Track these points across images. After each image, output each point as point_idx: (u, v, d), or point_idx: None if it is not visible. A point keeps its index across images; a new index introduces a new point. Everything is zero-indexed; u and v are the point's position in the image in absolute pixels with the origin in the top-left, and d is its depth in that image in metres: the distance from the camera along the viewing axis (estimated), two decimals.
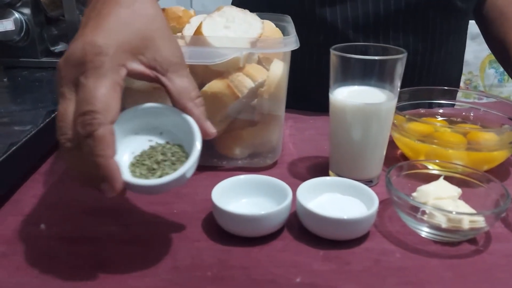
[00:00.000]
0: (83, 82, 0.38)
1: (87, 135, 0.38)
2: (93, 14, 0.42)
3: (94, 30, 0.40)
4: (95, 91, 0.38)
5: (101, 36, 0.40)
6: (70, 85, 0.39)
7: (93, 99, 0.38)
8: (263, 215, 0.47)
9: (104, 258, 0.45)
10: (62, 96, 0.40)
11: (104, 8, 0.42)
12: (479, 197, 0.52)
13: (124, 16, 0.42)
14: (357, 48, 0.57)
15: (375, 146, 0.58)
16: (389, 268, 0.44)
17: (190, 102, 0.44)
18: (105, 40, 0.40)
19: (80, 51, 0.39)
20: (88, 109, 0.38)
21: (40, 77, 0.87)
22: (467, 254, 0.47)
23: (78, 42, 0.40)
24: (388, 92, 0.56)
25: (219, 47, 0.56)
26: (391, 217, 0.52)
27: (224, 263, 0.45)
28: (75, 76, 0.39)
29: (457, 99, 0.72)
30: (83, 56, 0.39)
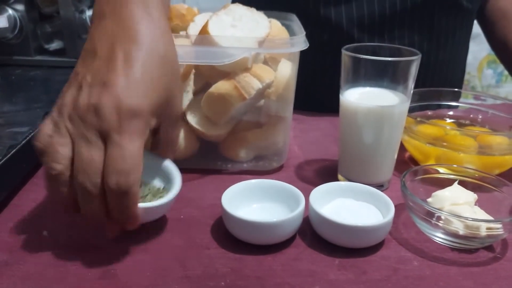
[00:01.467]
0: (117, 140, 0.39)
1: (122, 192, 0.39)
2: (118, 54, 0.41)
3: (128, 87, 0.40)
4: (130, 152, 0.39)
5: (137, 98, 0.40)
6: (96, 133, 0.39)
7: (129, 159, 0.39)
8: (276, 222, 0.45)
9: (111, 267, 0.43)
10: (87, 140, 0.39)
11: (130, 51, 0.41)
12: (494, 202, 0.51)
13: (153, 68, 0.42)
14: (368, 48, 0.56)
15: (387, 149, 0.56)
16: (408, 277, 0.43)
17: (172, 152, 0.48)
18: (140, 102, 0.40)
19: (114, 111, 0.39)
20: (123, 168, 0.39)
21: (34, 75, 0.85)
22: (485, 261, 0.46)
23: (111, 98, 0.39)
24: (401, 94, 0.55)
25: (227, 47, 0.54)
26: (406, 223, 0.51)
27: (238, 272, 0.43)
28: (105, 129, 0.39)
29: (465, 101, 0.71)
30: (118, 119, 0.39)
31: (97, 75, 0.40)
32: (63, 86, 0.79)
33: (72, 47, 0.88)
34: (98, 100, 0.39)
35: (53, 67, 0.88)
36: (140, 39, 0.42)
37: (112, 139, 0.39)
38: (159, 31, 0.43)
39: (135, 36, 0.42)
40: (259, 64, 0.59)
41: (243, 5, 0.62)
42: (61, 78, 0.84)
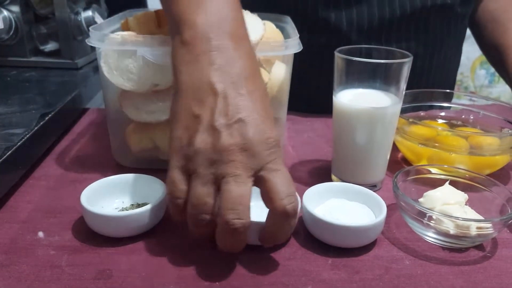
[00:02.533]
0: (278, 168, 0.41)
1: (295, 213, 0.41)
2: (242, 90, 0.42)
3: (264, 121, 0.42)
4: (288, 174, 0.42)
5: (273, 129, 0.42)
6: (249, 172, 0.40)
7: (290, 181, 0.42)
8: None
9: (106, 267, 0.44)
10: (239, 178, 0.40)
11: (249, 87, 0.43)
12: (484, 202, 0.52)
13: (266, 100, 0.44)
14: (362, 50, 0.57)
15: (379, 150, 0.57)
16: (400, 275, 0.44)
17: None
18: (276, 133, 0.42)
19: (264, 143, 0.41)
20: (293, 191, 0.41)
21: (29, 77, 0.85)
22: (476, 260, 0.46)
23: (256, 133, 0.41)
24: (393, 96, 0.56)
25: None
26: (398, 223, 0.52)
27: (232, 272, 0.44)
28: (260, 164, 0.41)
29: (457, 102, 0.72)
30: (269, 149, 0.41)
31: (229, 114, 0.41)
32: (58, 87, 0.80)
33: (67, 49, 0.88)
34: (244, 138, 0.40)
35: (48, 68, 0.89)
36: (253, 73, 0.44)
37: (269, 169, 0.41)
38: (256, 62, 0.45)
39: (250, 72, 0.43)
40: None
41: None
42: (56, 79, 0.85)
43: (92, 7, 0.89)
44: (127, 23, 0.61)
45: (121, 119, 0.60)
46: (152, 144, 0.60)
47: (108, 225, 0.46)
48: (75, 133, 0.74)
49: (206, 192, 0.40)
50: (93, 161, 0.64)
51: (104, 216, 0.46)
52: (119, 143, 0.62)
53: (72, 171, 0.62)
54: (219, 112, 0.41)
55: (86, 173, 0.61)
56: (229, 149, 0.40)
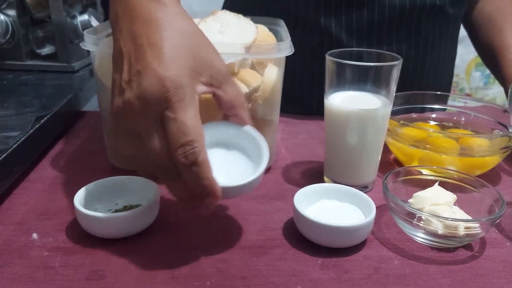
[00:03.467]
0: (172, 116, 0.40)
1: (192, 163, 0.40)
2: (141, 41, 0.42)
3: (161, 63, 0.41)
4: (187, 122, 0.40)
5: (173, 69, 0.41)
6: (154, 122, 0.41)
7: (188, 129, 0.40)
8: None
9: (99, 268, 0.44)
10: (149, 134, 0.41)
11: (150, 34, 0.42)
12: (473, 203, 0.52)
13: (177, 40, 0.43)
14: (353, 53, 0.57)
15: (370, 151, 0.58)
16: (388, 275, 0.45)
17: (241, 109, 0.46)
18: (178, 72, 0.41)
19: (159, 87, 0.40)
20: (187, 140, 0.40)
21: (26, 80, 0.86)
22: (463, 260, 0.47)
23: (150, 79, 0.40)
24: (384, 98, 0.56)
25: None
26: (388, 223, 0.53)
27: (223, 273, 0.44)
28: (159, 111, 0.40)
29: (449, 104, 0.73)
30: (164, 92, 0.40)
31: (131, 70, 0.42)
32: (54, 90, 0.81)
33: (64, 52, 0.89)
34: (139, 89, 0.40)
35: (45, 72, 0.89)
36: (156, 22, 0.43)
37: (166, 117, 0.40)
38: (171, 10, 0.44)
39: (151, 21, 0.43)
40: (246, 69, 0.60)
41: (230, 12, 0.63)
42: (52, 82, 0.85)
43: (88, 11, 0.90)
44: None
45: None
46: None
47: (101, 226, 0.47)
48: (71, 136, 0.74)
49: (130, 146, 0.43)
50: (88, 163, 0.65)
51: (97, 218, 0.47)
52: (114, 145, 0.63)
53: (67, 173, 0.62)
54: (125, 72, 0.42)
55: (81, 175, 0.61)
56: (132, 103, 0.41)
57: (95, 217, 0.47)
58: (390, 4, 0.78)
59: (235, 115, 0.46)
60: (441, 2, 0.80)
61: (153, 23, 0.43)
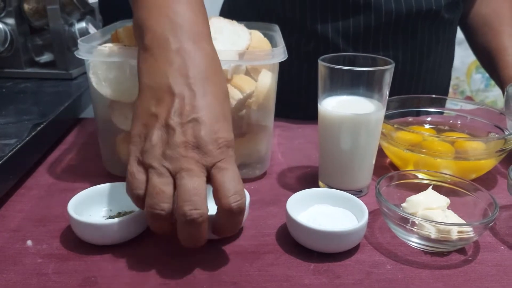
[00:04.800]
0: (227, 167, 0.43)
1: (241, 211, 0.43)
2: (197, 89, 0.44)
3: (217, 122, 0.44)
4: (236, 173, 0.43)
5: (225, 132, 0.44)
6: (201, 166, 0.42)
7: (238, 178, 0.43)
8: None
9: (92, 275, 0.45)
10: (192, 172, 0.42)
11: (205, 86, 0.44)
12: (467, 207, 0.52)
13: (226, 102, 0.46)
14: (345, 58, 0.57)
15: (364, 156, 0.58)
16: (380, 280, 0.44)
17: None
18: (228, 135, 0.44)
19: (214, 143, 0.43)
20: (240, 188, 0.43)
21: (25, 88, 0.86)
22: (456, 264, 0.47)
23: (207, 133, 0.43)
24: (377, 102, 0.56)
25: None
26: (382, 228, 0.52)
27: (215, 278, 0.44)
28: (211, 162, 0.42)
29: (445, 107, 0.73)
30: (219, 148, 0.43)
31: (184, 114, 0.43)
32: (52, 97, 0.81)
33: (62, 60, 0.89)
34: (196, 137, 0.42)
35: (43, 79, 0.90)
36: (212, 76, 0.45)
37: (220, 167, 0.42)
38: (218, 63, 0.47)
39: (208, 73, 0.45)
40: (240, 75, 0.60)
41: (224, 18, 0.64)
42: (51, 90, 0.86)
43: (86, 19, 0.90)
44: (117, 35, 0.63)
45: (110, 128, 0.61)
46: None
47: (93, 233, 0.47)
48: (68, 143, 0.75)
49: (162, 181, 0.42)
50: (84, 170, 0.65)
51: (89, 224, 0.47)
52: (109, 152, 0.63)
53: (63, 180, 0.63)
54: (174, 111, 0.43)
55: (77, 182, 0.62)
56: (182, 146, 0.42)
57: (87, 224, 0.47)
58: (386, 10, 0.79)
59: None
60: (437, 7, 0.80)
61: (210, 77, 0.45)
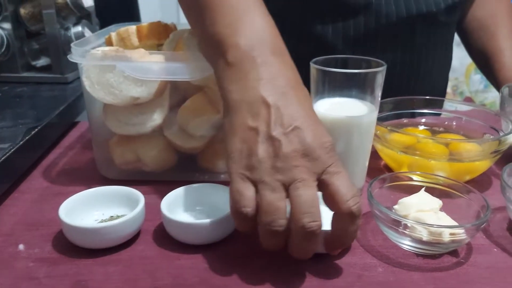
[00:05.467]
0: (338, 171, 0.43)
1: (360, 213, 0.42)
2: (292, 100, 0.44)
3: (317, 126, 0.44)
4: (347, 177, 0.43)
5: (326, 135, 0.44)
6: (313, 176, 0.42)
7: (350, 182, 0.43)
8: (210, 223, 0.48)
9: (82, 278, 0.45)
10: (306, 182, 0.41)
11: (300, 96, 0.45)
12: (460, 209, 0.52)
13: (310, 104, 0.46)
14: (338, 60, 0.57)
15: (357, 158, 0.58)
16: (372, 283, 0.44)
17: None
18: (329, 137, 0.44)
19: (321, 147, 0.42)
20: (356, 192, 0.42)
21: (21, 92, 0.87)
22: (448, 266, 0.47)
23: (313, 138, 0.43)
24: (369, 104, 0.56)
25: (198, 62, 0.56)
26: (374, 230, 0.52)
27: (206, 282, 0.44)
28: (322, 168, 0.42)
29: (439, 109, 0.73)
30: (328, 152, 0.43)
31: (284, 124, 0.43)
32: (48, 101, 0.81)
33: (58, 64, 0.90)
34: (303, 145, 0.42)
35: (39, 83, 0.90)
36: (296, 85, 0.46)
37: (331, 172, 0.42)
38: (298, 75, 0.48)
39: (293, 83, 0.46)
40: None
41: None
42: (47, 94, 0.86)
43: (82, 23, 0.91)
44: (110, 38, 0.63)
45: (104, 132, 0.61)
46: (135, 157, 0.61)
47: (84, 237, 0.47)
48: (64, 146, 0.75)
49: (277, 197, 0.41)
50: (79, 174, 0.66)
51: (80, 228, 0.47)
52: (103, 156, 0.63)
53: (58, 184, 0.63)
54: (274, 122, 0.43)
55: (71, 185, 0.62)
56: (292, 156, 0.41)
57: (77, 228, 0.47)
58: (387, 12, 0.79)
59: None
60: (437, 9, 0.80)
61: (297, 86, 0.46)
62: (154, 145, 0.61)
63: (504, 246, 0.50)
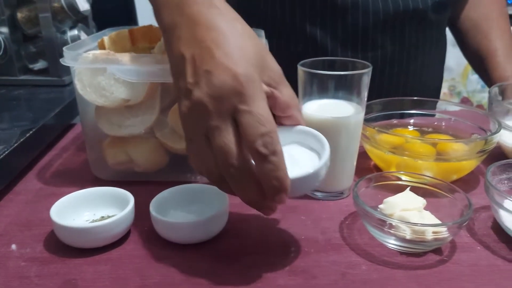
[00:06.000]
0: (247, 109, 0.41)
1: (271, 153, 0.40)
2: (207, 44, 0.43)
3: (231, 61, 0.42)
4: (263, 114, 0.41)
5: (243, 66, 0.42)
6: (224, 117, 0.41)
7: (265, 121, 0.41)
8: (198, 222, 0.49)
9: (72, 277, 0.46)
10: (218, 129, 0.41)
11: (215, 37, 0.43)
12: (445, 207, 0.53)
13: (241, 42, 0.44)
14: (325, 62, 0.58)
15: (345, 158, 0.59)
16: (355, 281, 0.45)
17: (295, 109, 0.47)
18: (248, 68, 0.42)
19: (232, 82, 0.41)
20: (265, 130, 0.40)
21: (18, 95, 0.88)
22: (432, 264, 0.48)
23: (222, 76, 0.41)
24: (356, 105, 0.57)
25: None
26: (361, 229, 0.53)
27: (193, 281, 0.45)
28: (232, 106, 0.41)
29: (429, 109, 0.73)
30: (238, 86, 0.41)
31: (197, 71, 0.42)
32: (45, 104, 0.82)
33: (55, 66, 0.91)
34: (210, 87, 0.41)
35: (37, 86, 0.92)
36: (219, 27, 0.44)
37: (240, 111, 0.41)
38: (229, 16, 0.46)
39: (214, 27, 0.44)
40: None
41: None
42: (44, 96, 0.87)
43: (78, 26, 0.92)
44: (103, 42, 0.64)
45: (97, 134, 0.62)
46: (127, 158, 0.62)
47: (74, 236, 0.48)
48: (59, 148, 0.76)
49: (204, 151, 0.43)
50: (73, 175, 0.67)
51: (70, 228, 0.48)
52: (96, 157, 0.64)
53: (52, 185, 0.64)
54: (189, 74, 0.43)
55: (65, 186, 0.63)
56: (201, 102, 0.41)
57: (67, 228, 0.48)
58: (374, 10, 0.80)
59: (290, 116, 0.47)
60: (424, 6, 0.81)
61: (216, 28, 0.44)
62: (146, 146, 0.62)
63: (488, 244, 0.51)
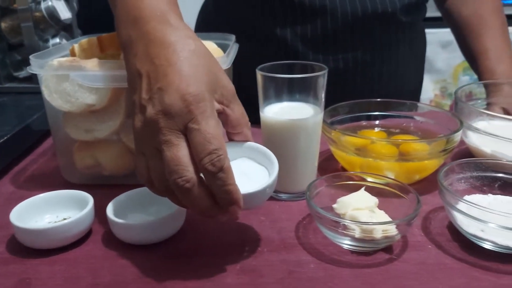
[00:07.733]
0: (196, 127, 0.43)
1: (219, 170, 0.42)
2: (160, 62, 0.45)
3: (182, 80, 0.44)
4: (211, 132, 0.43)
5: (193, 85, 0.44)
6: (176, 133, 0.43)
7: (213, 138, 0.42)
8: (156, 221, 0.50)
9: (27, 277, 0.47)
10: (169, 143, 0.43)
11: (168, 55, 0.45)
12: (397, 207, 0.53)
13: (193, 60, 0.46)
14: (284, 66, 0.59)
15: (305, 159, 0.59)
16: (301, 279, 0.46)
17: (246, 127, 0.50)
18: (198, 88, 0.44)
19: (182, 102, 0.43)
20: (212, 148, 0.42)
21: (2, 102, 0.90)
22: (379, 263, 0.48)
23: (173, 94, 0.43)
24: (314, 106, 0.58)
25: None
26: (316, 229, 0.54)
27: (144, 279, 0.46)
28: (182, 124, 0.43)
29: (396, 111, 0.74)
30: (187, 106, 0.43)
31: (151, 88, 0.44)
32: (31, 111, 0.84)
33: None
34: (162, 105, 0.43)
35: (21, 93, 0.94)
36: (172, 44, 0.46)
37: (190, 129, 0.43)
38: (183, 33, 0.48)
39: (168, 44, 0.46)
40: None
41: None
42: (29, 103, 0.89)
43: (60, 34, 0.94)
44: (74, 50, 0.66)
45: (66, 139, 0.64)
46: (95, 162, 0.64)
47: (32, 237, 0.50)
48: (37, 154, 0.78)
49: (156, 164, 0.44)
50: (44, 179, 0.68)
51: (27, 230, 0.50)
52: (66, 161, 0.66)
53: (23, 189, 0.66)
54: (144, 91, 0.45)
55: (35, 190, 0.64)
56: (154, 119, 0.43)
57: (25, 229, 0.50)
58: (342, 12, 0.80)
59: (240, 132, 0.50)
60: (393, 9, 0.82)
61: (170, 45, 0.46)
62: (113, 151, 0.64)
63: (440, 243, 0.51)
